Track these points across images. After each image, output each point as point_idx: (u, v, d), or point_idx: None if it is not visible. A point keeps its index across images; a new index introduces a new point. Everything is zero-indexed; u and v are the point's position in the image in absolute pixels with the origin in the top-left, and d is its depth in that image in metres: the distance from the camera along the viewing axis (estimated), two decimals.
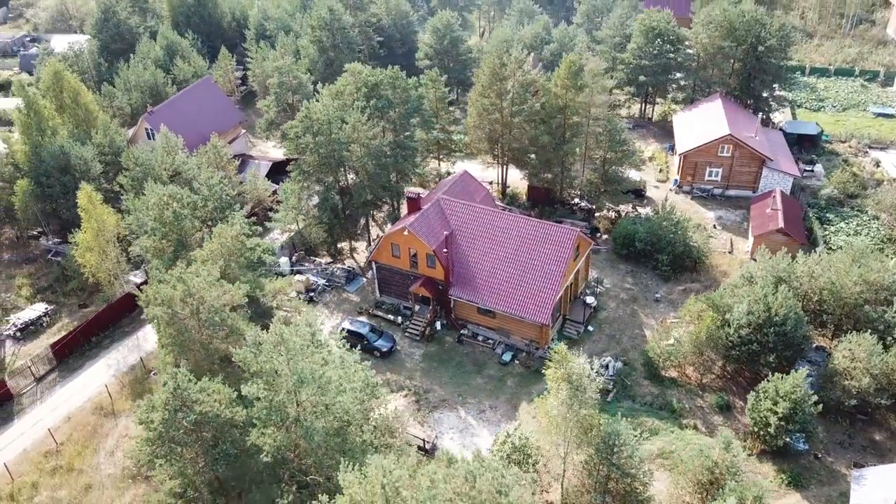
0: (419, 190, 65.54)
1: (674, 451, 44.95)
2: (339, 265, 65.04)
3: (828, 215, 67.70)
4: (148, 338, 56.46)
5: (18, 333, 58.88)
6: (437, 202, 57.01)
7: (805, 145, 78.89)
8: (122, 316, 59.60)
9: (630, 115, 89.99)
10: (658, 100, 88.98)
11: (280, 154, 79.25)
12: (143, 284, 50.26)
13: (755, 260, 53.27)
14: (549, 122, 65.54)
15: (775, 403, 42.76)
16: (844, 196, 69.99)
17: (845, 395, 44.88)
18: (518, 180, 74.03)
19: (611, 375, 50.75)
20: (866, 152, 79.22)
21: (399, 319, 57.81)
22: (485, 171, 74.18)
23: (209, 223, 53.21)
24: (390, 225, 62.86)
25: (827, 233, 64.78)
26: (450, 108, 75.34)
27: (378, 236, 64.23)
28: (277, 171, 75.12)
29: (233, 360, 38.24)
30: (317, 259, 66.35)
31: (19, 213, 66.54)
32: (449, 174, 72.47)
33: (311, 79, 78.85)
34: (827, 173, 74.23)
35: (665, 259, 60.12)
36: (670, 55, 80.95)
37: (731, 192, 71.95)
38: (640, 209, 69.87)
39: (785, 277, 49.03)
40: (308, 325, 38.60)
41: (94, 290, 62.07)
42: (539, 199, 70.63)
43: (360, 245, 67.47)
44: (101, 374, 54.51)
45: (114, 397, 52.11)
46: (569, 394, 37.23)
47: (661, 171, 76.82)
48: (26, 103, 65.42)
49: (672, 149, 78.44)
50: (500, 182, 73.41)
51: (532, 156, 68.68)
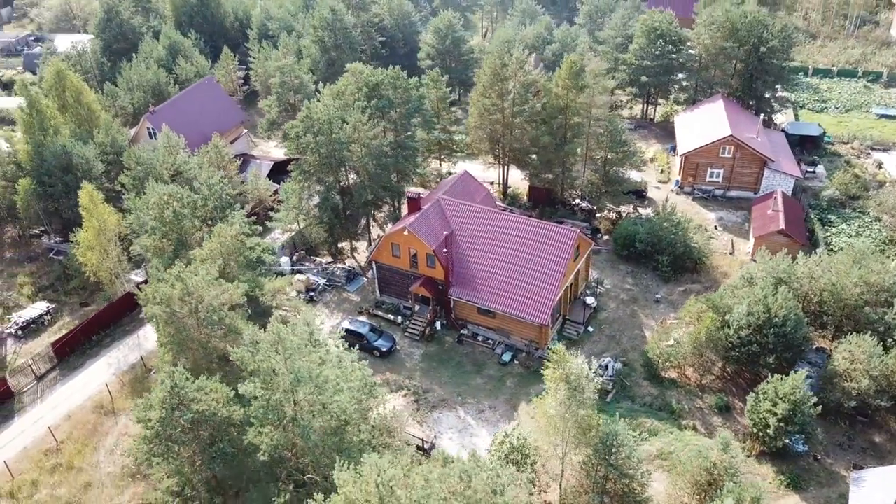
0: (420, 190, 65.55)
1: (672, 451, 44.86)
2: (339, 265, 65.10)
3: (829, 217, 67.46)
4: (148, 337, 56.59)
5: (20, 332, 59.10)
6: (438, 202, 57.02)
7: (807, 146, 78.62)
8: (122, 315, 59.76)
9: (632, 116, 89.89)
10: (660, 100, 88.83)
11: (281, 154, 79.35)
12: (144, 283, 50.37)
13: (755, 261, 53.17)
14: (551, 123, 65.53)
15: (775, 405, 42.64)
16: (846, 197, 69.75)
17: (845, 396, 44.77)
18: (519, 181, 74.02)
19: (610, 376, 50.67)
20: (869, 154, 78.91)
21: (399, 319, 57.83)
22: (486, 172, 74.17)
23: (209, 222, 53.31)
24: (391, 225, 62.90)
25: (828, 234, 64.54)
26: (451, 109, 75.39)
27: (378, 236, 64.27)
28: (279, 171, 75.13)
29: (230, 358, 38.30)
30: (317, 259, 66.41)
31: (21, 212, 66.89)
32: (450, 174, 72.48)
33: (312, 79, 79.02)
34: (829, 174, 73.98)
35: (665, 260, 60.02)
36: (672, 56, 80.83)
37: (733, 193, 71.77)
38: (641, 210, 69.74)
39: (785, 278, 48.93)
40: (306, 324, 38.67)
41: (96, 288, 62.27)
42: (540, 200, 70.60)
43: (361, 245, 67.52)
44: (101, 373, 54.67)
45: (114, 396, 52.25)
46: (567, 394, 37.17)
47: (662, 171, 76.70)
48: (29, 102, 65.66)
49: (673, 150, 78.28)
50: (502, 182, 73.40)
51: (533, 156, 68.72)
